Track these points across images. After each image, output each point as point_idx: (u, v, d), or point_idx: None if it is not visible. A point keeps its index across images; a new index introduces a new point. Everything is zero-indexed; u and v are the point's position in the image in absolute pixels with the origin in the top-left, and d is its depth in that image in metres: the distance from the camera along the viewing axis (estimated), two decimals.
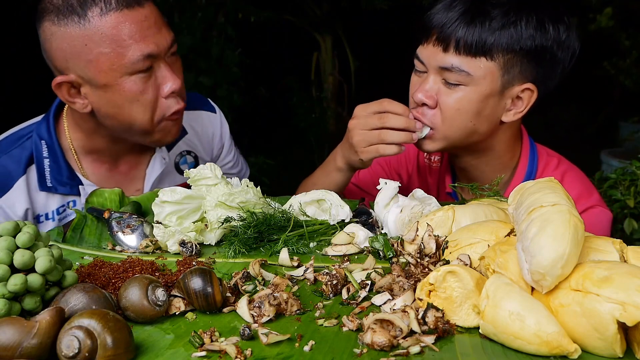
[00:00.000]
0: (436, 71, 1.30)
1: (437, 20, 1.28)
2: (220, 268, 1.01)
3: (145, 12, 1.26)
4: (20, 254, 0.75)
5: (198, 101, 1.67)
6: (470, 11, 1.26)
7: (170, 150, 1.57)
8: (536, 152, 1.48)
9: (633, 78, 5.32)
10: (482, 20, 1.24)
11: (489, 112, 1.32)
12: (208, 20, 4.33)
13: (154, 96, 1.30)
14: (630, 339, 0.73)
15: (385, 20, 6.28)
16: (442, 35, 1.27)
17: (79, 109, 1.32)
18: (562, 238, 0.73)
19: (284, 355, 0.73)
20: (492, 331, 0.74)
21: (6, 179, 1.37)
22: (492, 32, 1.24)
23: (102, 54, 1.23)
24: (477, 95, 1.28)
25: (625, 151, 4.24)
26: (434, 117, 1.32)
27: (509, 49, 1.25)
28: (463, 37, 1.24)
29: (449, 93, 1.29)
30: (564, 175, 1.46)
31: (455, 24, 1.25)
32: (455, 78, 1.27)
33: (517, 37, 1.25)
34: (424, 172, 1.63)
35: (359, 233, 1.09)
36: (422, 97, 1.31)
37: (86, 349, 0.67)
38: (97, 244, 1.14)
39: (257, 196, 1.16)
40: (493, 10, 1.25)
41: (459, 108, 1.29)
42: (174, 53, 1.34)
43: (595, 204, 1.41)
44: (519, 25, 1.25)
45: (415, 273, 0.90)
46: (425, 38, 1.32)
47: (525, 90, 1.31)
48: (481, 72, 1.26)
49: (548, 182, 0.87)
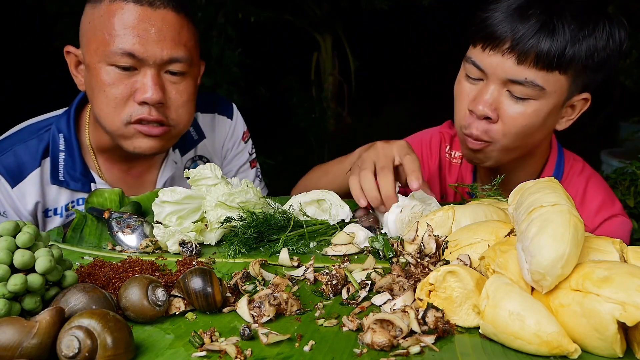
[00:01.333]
0: (500, 81, 1.21)
1: (510, 28, 1.17)
2: (220, 268, 1.01)
3: (152, 15, 1.25)
4: (20, 254, 0.75)
5: (219, 105, 1.66)
6: (551, 22, 1.15)
7: (184, 155, 1.57)
8: (563, 155, 1.46)
9: (633, 78, 5.31)
10: (563, 32, 1.15)
11: (550, 124, 1.27)
12: (208, 20, 4.33)
13: (124, 95, 1.28)
14: (630, 339, 0.73)
15: (385, 20, 6.28)
16: (520, 47, 1.16)
17: (78, 84, 1.38)
18: (562, 238, 0.73)
19: (284, 355, 0.73)
20: (492, 331, 0.74)
21: (20, 168, 1.37)
22: (573, 44, 1.15)
23: (95, 36, 1.27)
24: (546, 109, 1.21)
25: (625, 151, 4.24)
26: (495, 131, 1.24)
27: (585, 62, 1.17)
28: (546, 51, 1.14)
29: (515, 106, 1.20)
30: (588, 181, 1.43)
31: (537, 36, 1.15)
32: (525, 92, 1.18)
33: (594, 50, 1.17)
34: (444, 169, 1.58)
35: (359, 233, 1.09)
36: (486, 109, 1.22)
37: (86, 349, 0.67)
38: (97, 244, 1.14)
39: (257, 196, 1.16)
40: (572, 20, 1.15)
41: (526, 124, 1.21)
42: (176, 74, 1.31)
43: (617, 213, 1.39)
44: (595, 36, 1.16)
45: (415, 273, 0.90)
46: (491, 45, 1.20)
47: (581, 100, 1.26)
48: (553, 87, 1.18)
49: (548, 182, 0.87)
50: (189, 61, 1.32)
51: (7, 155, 1.37)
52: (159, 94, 1.27)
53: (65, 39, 1.38)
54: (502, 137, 1.24)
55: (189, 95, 1.35)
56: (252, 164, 1.73)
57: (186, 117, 1.36)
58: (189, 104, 1.35)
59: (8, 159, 1.37)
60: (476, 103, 1.24)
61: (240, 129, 1.68)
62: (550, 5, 1.17)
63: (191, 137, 1.58)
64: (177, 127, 1.36)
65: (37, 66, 4.51)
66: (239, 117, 1.69)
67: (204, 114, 1.62)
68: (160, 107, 1.30)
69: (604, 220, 1.36)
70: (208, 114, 1.63)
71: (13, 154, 1.38)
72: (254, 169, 1.73)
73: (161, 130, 1.32)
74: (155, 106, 1.29)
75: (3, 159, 1.37)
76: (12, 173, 1.36)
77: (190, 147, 1.59)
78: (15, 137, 1.41)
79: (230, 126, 1.66)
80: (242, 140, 1.69)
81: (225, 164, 1.68)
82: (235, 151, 1.68)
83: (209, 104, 1.64)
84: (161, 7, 1.26)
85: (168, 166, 1.52)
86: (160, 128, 1.32)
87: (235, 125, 1.67)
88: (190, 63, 1.33)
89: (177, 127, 1.36)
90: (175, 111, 1.33)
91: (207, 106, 1.63)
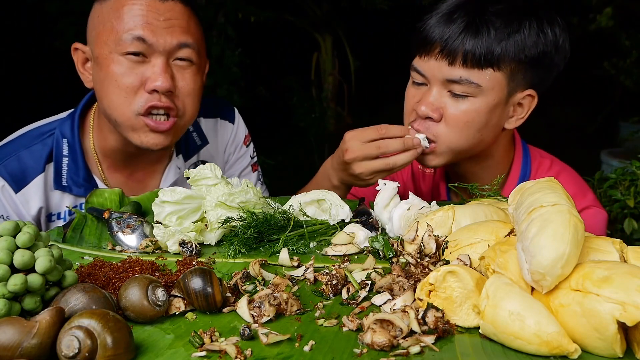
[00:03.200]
0: (441, 83, 1.27)
1: (438, 33, 1.25)
2: (220, 268, 1.01)
3: (160, 6, 1.27)
4: (20, 254, 0.75)
5: (221, 109, 1.67)
6: (474, 23, 1.23)
7: (187, 160, 1.57)
8: (529, 153, 1.48)
9: (633, 78, 5.32)
10: (487, 31, 1.22)
11: (496, 122, 1.30)
12: (208, 20, 4.33)
13: (134, 85, 1.29)
14: (630, 339, 0.73)
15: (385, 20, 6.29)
16: (448, 49, 1.24)
17: (85, 82, 1.39)
18: (562, 238, 0.73)
19: (284, 355, 0.73)
20: (492, 331, 0.74)
21: (24, 174, 1.37)
22: (499, 42, 1.22)
23: (105, 27, 1.28)
24: (486, 105, 1.26)
25: (625, 151, 4.24)
26: (439, 130, 1.29)
27: (515, 57, 1.23)
28: (471, 50, 1.22)
29: (456, 105, 1.27)
30: (557, 176, 1.44)
31: (461, 37, 1.22)
32: (463, 90, 1.25)
33: (522, 45, 1.23)
34: (417, 179, 1.62)
35: (359, 233, 1.09)
36: (427, 110, 1.28)
37: (86, 349, 0.67)
38: (97, 244, 1.14)
39: (257, 196, 1.16)
40: (496, 20, 1.23)
41: (467, 120, 1.27)
42: (184, 59, 1.33)
43: (590, 204, 1.41)
44: (522, 33, 1.23)
45: (415, 273, 0.90)
46: (425, 51, 1.29)
47: (527, 96, 1.31)
48: (489, 83, 1.24)
49: (548, 182, 0.87)
50: (197, 50, 1.34)
51: (11, 161, 1.37)
52: (168, 81, 1.29)
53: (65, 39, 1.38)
54: (444, 135, 1.29)
55: (196, 85, 1.37)
56: (253, 167, 1.73)
57: (192, 107, 1.38)
58: (195, 94, 1.37)
59: (12, 164, 1.37)
60: (419, 104, 1.30)
61: (241, 133, 1.69)
62: (474, 8, 1.25)
63: (194, 142, 1.59)
64: (184, 118, 1.37)
65: (37, 66, 4.52)
66: (241, 121, 1.69)
67: (207, 119, 1.63)
68: (170, 95, 1.32)
69: None
70: (210, 119, 1.63)
71: (17, 159, 1.37)
72: (256, 172, 1.74)
73: (168, 124, 1.33)
74: (165, 94, 1.30)
75: (7, 164, 1.37)
76: (15, 178, 1.36)
77: (193, 153, 1.59)
78: (19, 141, 1.41)
79: (232, 130, 1.66)
80: (243, 144, 1.70)
81: (227, 168, 1.69)
82: (237, 155, 1.69)
83: (211, 108, 1.64)
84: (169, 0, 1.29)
85: (171, 171, 1.52)
86: (167, 122, 1.33)
87: (237, 130, 1.67)
88: (198, 52, 1.35)
89: (184, 118, 1.37)
90: (182, 100, 1.34)
91: (209, 111, 1.64)
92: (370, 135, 1.31)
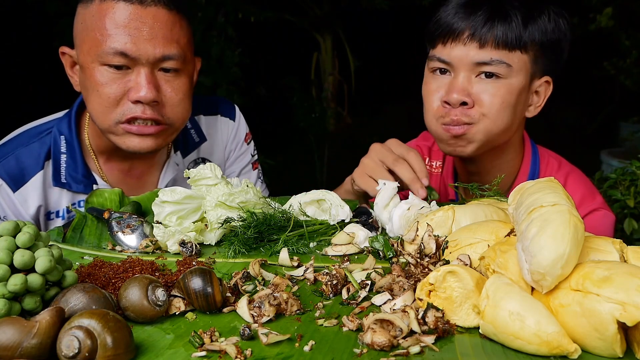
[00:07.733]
0: (468, 68, 1.29)
1: (464, 20, 1.28)
2: (220, 268, 1.01)
3: (143, 13, 1.25)
4: (20, 254, 0.75)
5: (222, 107, 1.67)
6: (500, 10, 1.27)
7: (186, 157, 1.57)
8: (538, 153, 1.49)
9: (633, 78, 5.32)
10: (515, 14, 1.27)
11: (521, 107, 1.34)
12: (208, 20, 4.33)
13: (117, 95, 1.28)
14: (630, 339, 0.73)
15: (385, 20, 6.29)
16: (479, 34, 1.26)
17: (74, 85, 1.39)
18: (562, 238, 0.73)
19: (284, 355, 0.73)
20: (492, 331, 0.74)
21: (22, 173, 1.37)
22: (525, 25, 1.27)
23: (88, 36, 1.27)
24: (516, 86, 1.29)
25: (625, 151, 4.25)
26: (475, 114, 1.30)
27: (539, 41, 1.28)
28: (502, 33, 1.26)
29: (487, 88, 1.29)
30: (567, 177, 1.46)
31: (490, 22, 1.26)
32: (494, 69, 1.27)
33: (545, 30, 1.29)
34: None
35: (359, 233, 1.09)
36: (460, 96, 1.29)
37: (86, 349, 0.67)
38: (97, 244, 1.14)
39: (257, 196, 1.16)
40: (515, 9, 1.28)
41: (502, 101, 1.29)
42: (170, 71, 1.31)
43: (599, 206, 1.41)
44: (543, 18, 1.29)
45: (415, 273, 0.90)
46: (452, 38, 1.30)
47: (543, 83, 1.35)
48: (517, 65, 1.28)
49: (548, 182, 0.87)
50: (182, 58, 1.32)
51: (9, 160, 1.37)
52: (153, 92, 1.27)
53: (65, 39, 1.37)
54: (482, 117, 1.30)
55: (185, 93, 1.35)
56: (254, 165, 1.73)
57: (182, 114, 1.36)
58: (184, 101, 1.35)
59: (10, 163, 1.37)
60: (450, 93, 1.30)
61: (242, 130, 1.69)
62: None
63: (192, 139, 1.59)
64: (174, 125, 1.36)
65: (36, 66, 4.52)
66: (242, 119, 1.69)
67: (207, 117, 1.62)
68: (155, 105, 1.30)
69: (585, 215, 1.38)
70: (211, 116, 1.63)
71: (15, 158, 1.37)
72: (256, 171, 1.74)
73: (155, 129, 1.32)
74: (150, 105, 1.29)
75: (4, 164, 1.37)
76: (14, 177, 1.36)
77: (192, 149, 1.59)
78: (17, 141, 1.41)
79: (233, 128, 1.66)
80: (244, 142, 1.69)
81: (227, 165, 1.69)
82: (237, 153, 1.69)
83: (211, 106, 1.64)
84: (152, 5, 1.26)
85: (170, 168, 1.52)
86: (154, 127, 1.31)
87: (237, 127, 1.67)
88: (183, 60, 1.32)
89: (174, 125, 1.36)
90: (171, 109, 1.33)
91: (210, 109, 1.63)
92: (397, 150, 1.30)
